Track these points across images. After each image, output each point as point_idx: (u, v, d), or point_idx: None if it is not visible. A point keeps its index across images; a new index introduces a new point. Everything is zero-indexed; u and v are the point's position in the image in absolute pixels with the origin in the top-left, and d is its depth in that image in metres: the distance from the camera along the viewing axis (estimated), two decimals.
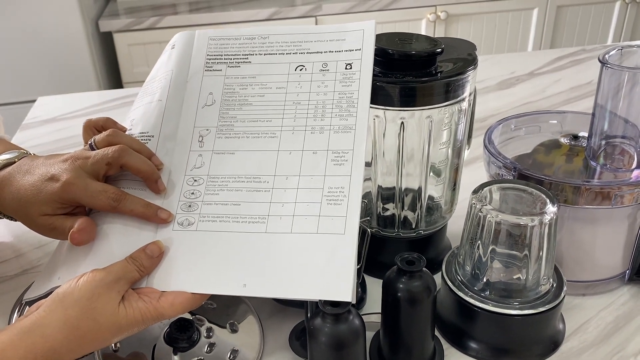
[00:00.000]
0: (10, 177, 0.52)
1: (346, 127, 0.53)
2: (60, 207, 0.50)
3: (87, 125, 0.59)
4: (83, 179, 0.50)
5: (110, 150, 0.52)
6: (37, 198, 0.50)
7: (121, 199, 0.51)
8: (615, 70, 0.59)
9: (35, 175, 0.51)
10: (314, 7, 2.11)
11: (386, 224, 0.66)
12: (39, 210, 0.50)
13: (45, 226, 0.51)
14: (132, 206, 0.51)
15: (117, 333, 0.44)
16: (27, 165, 0.53)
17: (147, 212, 0.51)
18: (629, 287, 0.64)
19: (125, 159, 0.52)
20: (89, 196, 0.50)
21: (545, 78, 1.23)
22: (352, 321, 0.47)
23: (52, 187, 0.50)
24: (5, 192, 0.52)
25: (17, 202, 0.51)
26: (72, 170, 0.50)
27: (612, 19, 2.37)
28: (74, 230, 0.49)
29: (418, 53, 0.56)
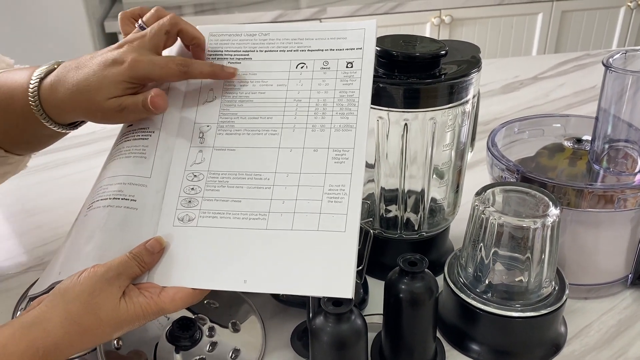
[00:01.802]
0: (60, 78, 0.52)
1: (347, 125, 0.53)
2: (128, 87, 0.51)
3: (124, 16, 0.58)
4: (147, 55, 0.52)
5: (165, 20, 0.53)
6: (103, 83, 0.51)
7: (189, 63, 0.53)
8: (619, 74, 0.59)
9: (92, 65, 0.52)
10: (318, 10, 2.12)
11: (389, 226, 0.66)
12: (107, 94, 0.51)
13: (114, 108, 0.51)
14: (201, 68, 0.54)
15: (118, 328, 0.44)
16: (73, 63, 0.53)
17: (215, 70, 0.55)
18: (631, 291, 0.64)
19: (182, 25, 0.54)
20: (158, 67, 0.51)
21: (549, 82, 1.23)
22: (354, 321, 0.47)
23: (118, 69, 0.51)
24: (60, 92, 0.52)
25: (79, 94, 0.51)
26: (133, 50, 0.51)
27: (617, 24, 2.37)
28: (152, 95, 0.51)
29: (422, 55, 0.56)
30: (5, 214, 0.85)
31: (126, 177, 0.53)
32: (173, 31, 0.54)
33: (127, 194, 0.52)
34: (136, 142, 0.55)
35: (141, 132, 0.56)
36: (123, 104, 0.52)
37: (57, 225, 0.79)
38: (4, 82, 0.55)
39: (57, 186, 0.90)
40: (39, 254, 0.74)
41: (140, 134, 0.56)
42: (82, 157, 0.99)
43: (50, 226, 0.79)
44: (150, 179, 0.53)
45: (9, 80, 0.55)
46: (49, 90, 0.53)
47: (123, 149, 0.55)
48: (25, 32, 1.90)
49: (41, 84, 0.53)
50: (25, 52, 1.92)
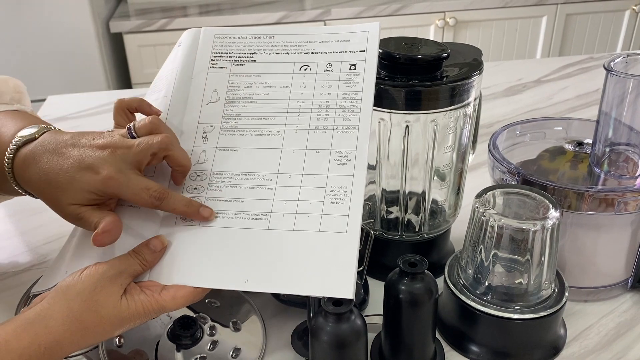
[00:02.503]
0: (34, 156, 0.49)
1: (349, 127, 0.53)
2: (94, 199, 0.49)
3: (120, 105, 0.55)
4: (125, 173, 0.48)
5: (155, 140, 0.49)
6: (71, 186, 0.48)
7: (164, 197, 0.49)
8: (621, 78, 0.59)
9: (68, 159, 0.48)
10: (323, 11, 2.12)
11: (390, 227, 0.66)
12: (70, 199, 0.48)
13: (72, 215, 0.49)
14: (175, 205, 0.50)
15: (119, 326, 0.45)
16: (53, 143, 0.50)
17: (189, 211, 0.50)
18: (631, 294, 0.64)
19: (171, 152, 0.50)
20: (130, 193, 0.48)
21: (552, 85, 1.23)
22: (354, 321, 0.47)
23: (90, 178, 0.47)
24: (31, 172, 0.49)
25: (47, 184, 0.48)
26: (113, 162, 0.48)
27: (621, 27, 2.37)
28: (97, 231, 0.47)
29: (424, 57, 0.56)
30: (8, 212, 0.85)
31: None
32: (160, 155, 0.50)
33: None
34: None
35: None
36: (80, 214, 0.49)
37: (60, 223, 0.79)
38: None
39: None
40: (42, 252, 0.74)
41: None
42: None
43: (54, 225, 0.80)
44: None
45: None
46: (22, 164, 0.50)
47: None
48: (31, 31, 1.91)
49: (17, 152, 0.50)
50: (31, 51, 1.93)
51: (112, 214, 0.49)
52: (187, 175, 0.53)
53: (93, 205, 0.49)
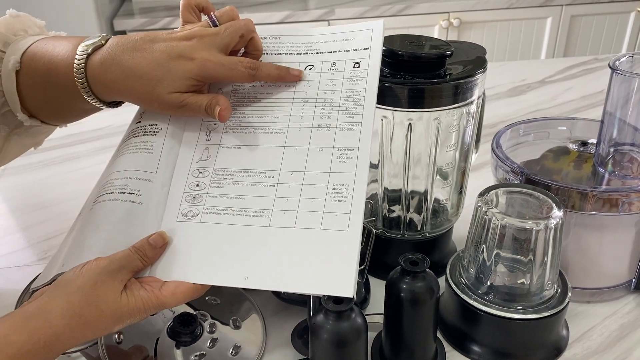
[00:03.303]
0: (114, 57, 0.50)
1: (352, 124, 0.53)
2: (193, 85, 0.51)
3: (188, 3, 0.56)
4: (216, 55, 0.50)
5: (242, 23, 0.53)
6: (167, 75, 0.49)
7: (257, 66, 0.52)
8: (626, 77, 0.59)
9: (155, 52, 0.50)
10: (327, 11, 2.12)
11: (392, 226, 0.66)
12: (170, 88, 0.50)
13: (175, 103, 0.50)
14: (268, 71, 0.53)
15: (119, 321, 0.45)
16: (129, 42, 0.51)
17: (282, 73, 0.54)
18: (634, 295, 0.64)
19: (254, 34, 0.54)
20: (227, 69, 0.51)
21: (557, 86, 1.23)
22: (355, 319, 0.47)
23: (186, 65, 0.49)
24: (114, 73, 0.50)
25: (137, 80, 0.49)
26: (203, 47, 0.50)
27: (626, 29, 2.36)
28: (222, 108, 0.51)
29: (427, 55, 0.56)
30: (10, 207, 0.85)
31: (132, 172, 0.53)
32: (247, 37, 0.53)
33: (132, 188, 0.52)
34: (144, 137, 0.55)
35: (149, 128, 0.56)
36: (185, 101, 0.50)
37: (61, 219, 0.80)
38: (45, 54, 0.53)
39: (62, 181, 0.91)
40: (43, 247, 0.74)
41: (147, 130, 0.56)
42: (89, 152, 0.99)
43: (55, 221, 0.80)
44: (156, 174, 0.53)
45: (48, 51, 0.53)
46: (99, 68, 0.50)
47: (131, 144, 0.55)
48: None
49: (88, 60, 0.50)
50: None
51: (219, 95, 0.52)
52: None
53: (192, 91, 0.51)
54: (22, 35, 0.57)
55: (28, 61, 0.54)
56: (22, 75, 0.54)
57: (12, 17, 0.58)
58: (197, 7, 0.56)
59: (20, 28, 0.58)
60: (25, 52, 0.54)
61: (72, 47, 0.52)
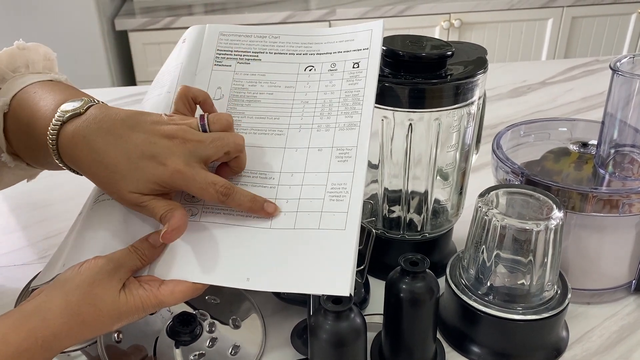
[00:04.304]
0: (85, 134, 0.46)
1: (351, 124, 0.53)
2: (157, 189, 0.47)
3: (185, 93, 0.52)
4: (192, 167, 0.46)
5: (232, 139, 0.49)
6: (132, 174, 0.46)
7: (230, 192, 0.48)
8: (627, 78, 0.59)
9: (128, 143, 0.46)
10: (328, 11, 2.12)
11: (392, 226, 0.66)
12: (131, 187, 0.46)
13: (133, 202, 0.47)
14: (240, 200, 0.49)
15: (117, 320, 0.44)
16: (106, 121, 0.47)
17: (254, 207, 0.49)
18: (634, 297, 0.64)
19: (242, 153, 0.50)
20: (197, 187, 0.47)
21: (557, 87, 1.23)
22: (354, 319, 0.47)
23: (157, 169, 0.46)
24: (82, 152, 0.47)
25: (102, 168, 0.46)
26: (181, 154, 0.46)
27: (627, 30, 2.36)
28: (167, 230, 0.46)
29: (428, 55, 0.56)
30: (10, 206, 0.85)
31: None
32: (232, 155, 0.50)
33: None
34: None
35: None
36: (144, 203, 0.47)
37: (61, 218, 0.80)
38: (29, 105, 0.52)
39: (63, 180, 0.91)
40: (43, 246, 0.74)
41: None
42: None
43: (55, 219, 0.80)
44: None
45: (34, 103, 0.52)
46: (69, 141, 0.47)
47: None
48: (36, 29, 1.91)
49: (62, 129, 0.47)
50: None
51: (179, 207, 0.48)
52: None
53: (156, 194, 0.48)
54: (22, 73, 0.56)
55: (16, 106, 0.53)
56: (9, 118, 0.53)
57: (19, 49, 0.57)
58: (193, 100, 0.52)
59: (23, 63, 0.57)
60: (15, 96, 0.53)
61: (54, 107, 0.49)
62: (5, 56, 0.56)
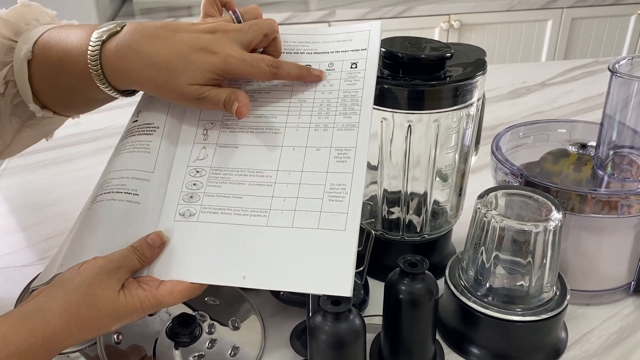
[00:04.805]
0: (131, 43, 0.49)
1: (350, 124, 0.53)
2: (214, 79, 0.50)
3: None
4: (239, 51, 0.50)
5: (267, 22, 0.52)
6: (188, 67, 0.48)
7: (279, 64, 0.52)
8: (625, 80, 0.59)
9: (175, 42, 0.49)
10: (327, 12, 2.12)
11: (391, 227, 0.66)
12: (190, 79, 0.49)
13: (193, 95, 0.49)
14: (289, 69, 0.53)
15: (116, 320, 0.45)
16: (148, 29, 0.49)
17: (303, 72, 0.54)
18: (633, 298, 0.64)
19: (277, 34, 0.53)
20: (249, 66, 0.50)
21: (557, 88, 1.23)
22: (353, 320, 0.47)
23: (209, 58, 0.49)
24: (131, 60, 0.49)
25: (156, 69, 0.48)
26: (226, 42, 0.49)
27: (627, 32, 2.36)
28: (240, 105, 0.50)
29: (427, 57, 0.56)
30: (11, 207, 0.85)
31: (130, 171, 0.53)
32: (270, 37, 0.53)
33: (130, 188, 0.52)
34: (141, 137, 0.55)
35: (146, 127, 0.56)
36: (204, 94, 0.50)
37: (61, 220, 0.80)
38: (58, 42, 0.52)
39: (63, 181, 0.91)
40: (43, 247, 0.74)
41: (144, 129, 0.56)
42: (89, 153, 0.99)
43: (55, 221, 0.80)
44: (153, 174, 0.53)
45: (61, 39, 0.52)
46: (115, 55, 0.49)
47: (128, 143, 0.56)
48: None
49: (103, 47, 0.49)
50: None
51: (239, 90, 0.51)
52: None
53: (213, 85, 0.50)
54: (34, 24, 0.56)
55: (40, 50, 0.53)
56: (34, 64, 0.53)
57: (24, 6, 0.57)
58: (220, 2, 0.56)
59: (32, 17, 0.57)
60: (37, 41, 0.53)
61: (86, 35, 0.50)
62: (13, 13, 0.56)
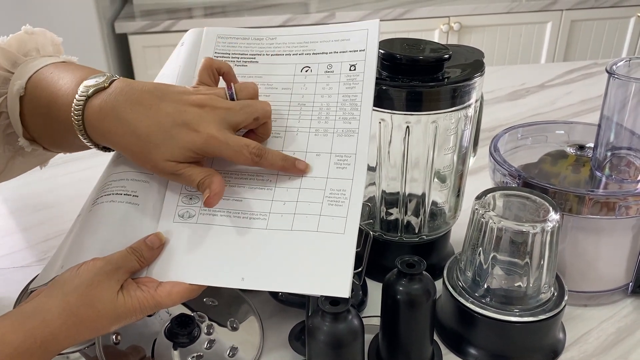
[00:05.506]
0: (114, 106, 0.47)
1: (349, 130, 0.53)
2: (192, 156, 0.48)
3: (209, 64, 0.53)
4: (224, 132, 0.48)
5: (261, 105, 0.50)
6: (166, 142, 0.46)
7: (262, 153, 0.49)
8: (623, 82, 0.59)
9: (159, 113, 0.47)
10: (327, 14, 2.13)
11: (389, 228, 0.66)
12: (167, 155, 0.47)
13: (168, 170, 0.48)
14: (273, 160, 0.50)
15: (115, 321, 0.45)
16: (134, 92, 0.48)
17: (286, 165, 0.51)
18: (631, 299, 0.64)
19: (269, 119, 0.51)
20: (231, 151, 0.48)
21: (556, 90, 1.23)
22: (351, 321, 0.47)
23: (190, 136, 0.46)
24: (111, 124, 0.47)
25: (135, 138, 0.47)
26: (212, 120, 0.47)
27: (626, 34, 2.37)
28: (210, 195, 0.48)
29: (425, 58, 0.56)
30: (10, 208, 0.86)
31: (129, 173, 0.54)
32: (261, 121, 0.51)
33: (129, 189, 0.52)
34: None
35: None
36: (179, 171, 0.48)
37: (61, 221, 0.80)
38: (48, 84, 0.51)
39: (62, 182, 0.91)
40: (43, 248, 0.75)
41: None
42: (88, 154, 0.98)
43: (54, 222, 0.80)
44: (152, 176, 0.54)
45: (52, 82, 0.51)
46: (97, 114, 0.47)
47: None
48: None
49: (87, 103, 0.48)
50: None
51: (216, 173, 0.49)
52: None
53: (191, 162, 0.49)
54: (33, 56, 0.56)
55: (32, 88, 0.52)
56: (25, 101, 0.53)
57: (27, 33, 0.57)
58: (217, 71, 0.54)
59: (33, 47, 0.56)
60: (30, 78, 0.52)
61: (75, 84, 0.49)
62: (14, 41, 0.56)
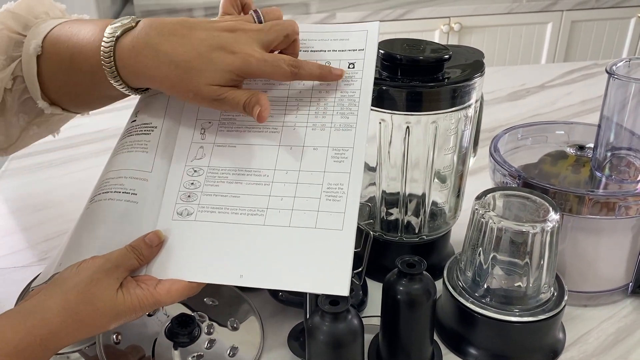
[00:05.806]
0: (147, 40, 0.47)
1: (347, 125, 0.53)
2: (233, 79, 0.48)
3: None
4: (259, 51, 0.48)
5: (289, 24, 0.51)
6: (208, 67, 0.47)
7: (299, 64, 0.50)
8: (623, 82, 0.59)
9: (194, 40, 0.47)
10: (328, 15, 2.13)
11: (389, 228, 0.66)
12: (209, 79, 0.47)
13: (211, 95, 0.48)
14: (310, 69, 0.51)
15: (114, 319, 0.45)
16: (165, 26, 0.48)
17: (323, 72, 0.52)
18: (631, 299, 0.64)
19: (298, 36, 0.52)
20: (270, 67, 0.48)
21: (556, 91, 1.23)
22: (351, 321, 0.47)
23: (229, 58, 0.47)
24: (147, 58, 0.47)
25: (173, 67, 0.47)
26: (246, 41, 0.48)
27: (626, 35, 2.37)
28: (262, 109, 0.48)
29: (425, 58, 0.56)
30: (11, 208, 0.86)
31: (128, 171, 0.54)
32: (291, 38, 0.52)
33: (128, 187, 0.52)
34: (139, 137, 0.56)
35: (144, 127, 0.56)
36: (223, 95, 0.48)
37: (61, 221, 0.80)
38: (69, 37, 0.50)
39: (63, 182, 0.91)
40: (44, 248, 0.75)
41: (142, 129, 0.56)
42: (88, 154, 1.00)
43: (55, 222, 0.80)
44: (151, 174, 0.54)
45: (73, 34, 0.50)
46: (130, 52, 0.47)
47: (126, 143, 0.56)
48: None
49: (118, 43, 0.47)
50: None
51: (259, 91, 0.50)
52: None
53: (231, 85, 0.49)
54: (44, 18, 0.55)
55: (50, 45, 0.51)
56: (43, 60, 0.52)
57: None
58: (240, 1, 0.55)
59: (42, 10, 0.56)
60: (47, 36, 0.51)
61: (99, 30, 0.49)
62: (23, 6, 0.55)
